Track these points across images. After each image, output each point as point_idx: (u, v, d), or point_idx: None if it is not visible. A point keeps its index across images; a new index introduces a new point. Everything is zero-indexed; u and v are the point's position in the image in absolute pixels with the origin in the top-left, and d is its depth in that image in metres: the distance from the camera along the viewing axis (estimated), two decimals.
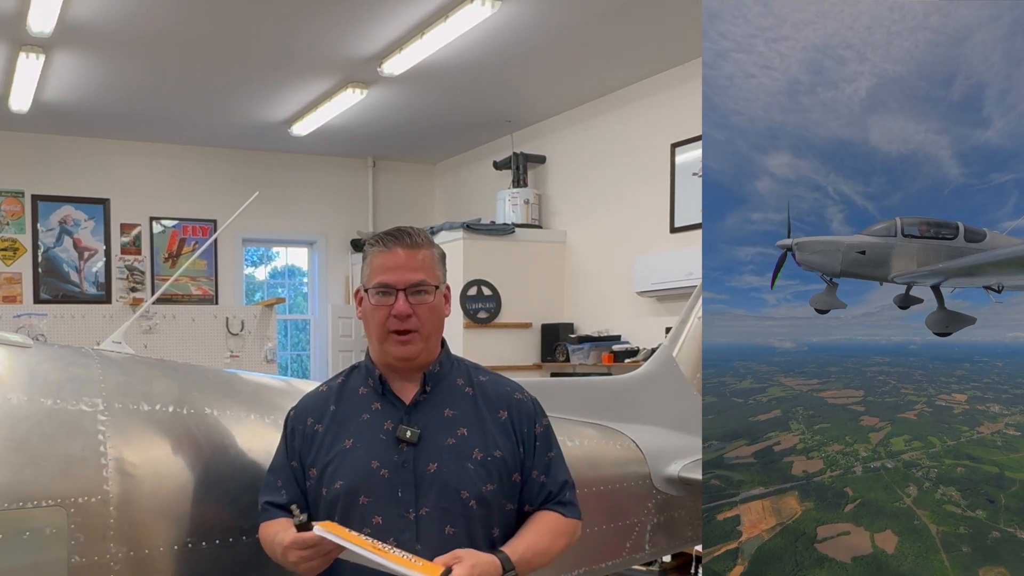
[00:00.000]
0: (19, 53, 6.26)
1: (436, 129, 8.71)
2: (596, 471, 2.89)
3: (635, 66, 6.83)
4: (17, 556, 1.88)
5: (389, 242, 2.02)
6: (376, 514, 1.94)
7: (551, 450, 2.12)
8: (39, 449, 1.96)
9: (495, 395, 2.09)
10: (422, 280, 2.00)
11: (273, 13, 5.75)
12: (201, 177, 9.26)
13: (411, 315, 1.99)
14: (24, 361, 2.13)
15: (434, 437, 1.99)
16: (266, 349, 8.49)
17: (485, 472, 1.99)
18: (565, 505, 2.10)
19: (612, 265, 7.40)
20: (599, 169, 7.66)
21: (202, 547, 2.12)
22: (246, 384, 2.56)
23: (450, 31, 5.82)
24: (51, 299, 8.70)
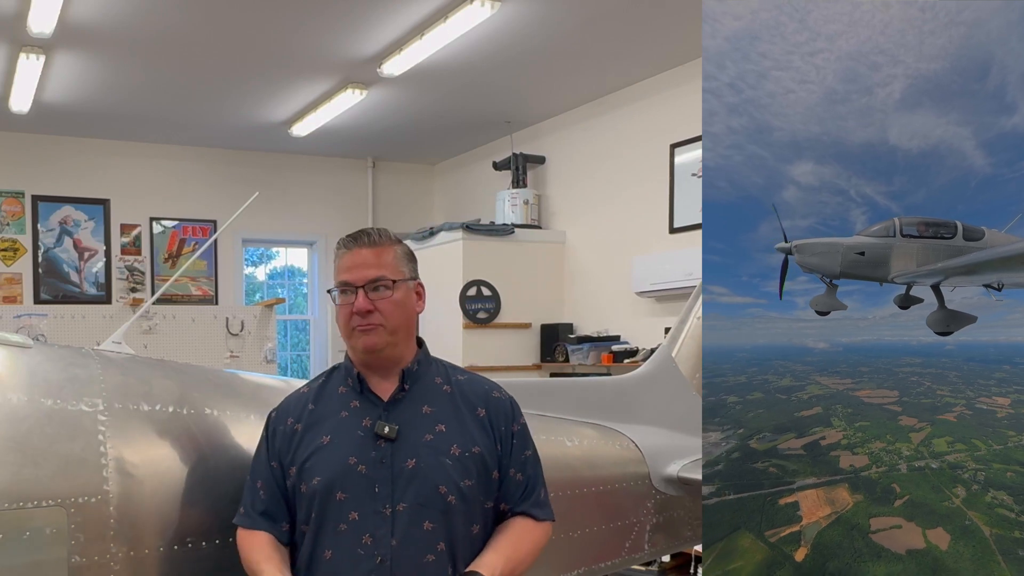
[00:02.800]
0: (19, 54, 6.26)
1: (436, 130, 8.71)
2: (595, 471, 2.89)
3: (634, 67, 6.84)
4: (17, 556, 1.89)
5: (350, 243, 2.08)
6: (352, 510, 1.97)
7: (527, 449, 2.15)
8: (39, 449, 1.96)
9: (472, 393, 2.12)
10: (380, 276, 2.04)
11: (273, 14, 5.75)
12: (201, 177, 9.27)
13: (372, 310, 2.03)
14: (24, 361, 2.13)
15: (412, 433, 2.02)
16: (266, 349, 8.50)
17: (463, 468, 2.01)
18: (541, 507, 2.13)
19: (611, 265, 7.40)
20: (598, 169, 7.67)
21: (202, 547, 2.12)
22: (246, 384, 2.56)
23: (450, 32, 5.82)
24: (51, 299, 8.71)
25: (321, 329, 9.93)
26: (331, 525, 1.98)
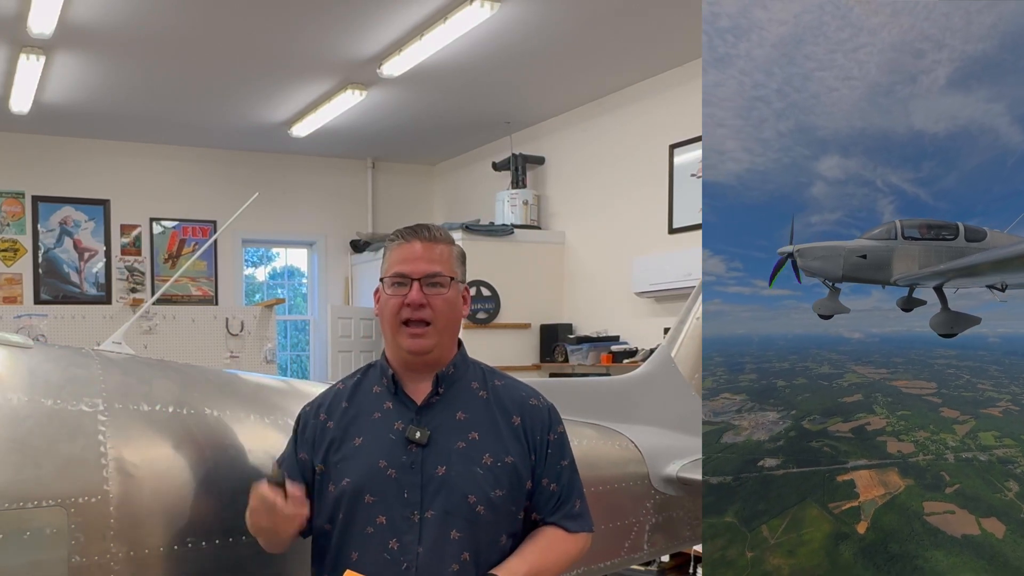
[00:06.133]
0: (20, 54, 6.27)
1: (435, 130, 8.72)
2: (595, 471, 2.89)
3: (634, 67, 6.84)
4: (17, 556, 1.89)
5: (408, 235, 2.03)
6: (381, 514, 1.93)
7: (564, 459, 2.09)
8: (39, 449, 1.96)
9: (509, 400, 2.07)
10: (438, 271, 1.99)
11: (273, 15, 5.76)
12: (201, 178, 9.27)
13: (425, 305, 1.97)
14: (25, 362, 2.13)
15: (444, 439, 1.97)
16: (266, 350, 8.50)
17: (494, 478, 1.96)
18: (574, 519, 2.06)
19: (611, 266, 7.41)
20: (598, 170, 7.67)
21: (202, 547, 2.12)
22: (246, 384, 2.56)
23: (449, 32, 5.83)
24: (51, 300, 8.71)
25: (320, 329, 9.93)
26: (359, 527, 1.95)
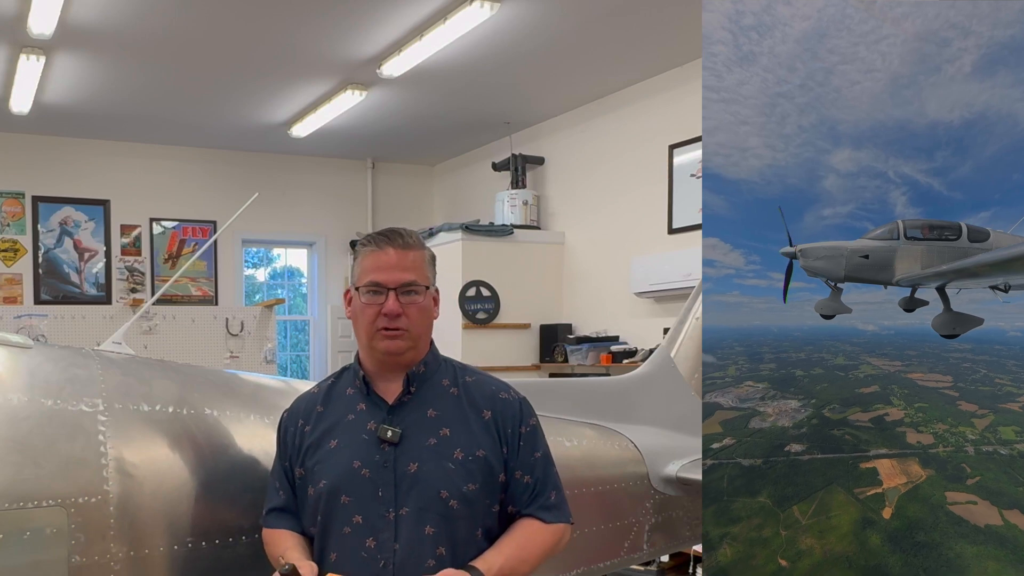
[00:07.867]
0: (20, 55, 6.27)
1: (435, 131, 8.72)
2: (594, 471, 2.90)
3: (633, 68, 6.84)
4: (17, 556, 1.89)
5: (381, 242, 2.04)
6: (357, 513, 1.96)
7: (537, 451, 2.11)
8: (40, 449, 1.97)
9: (480, 395, 2.10)
10: (413, 280, 2.02)
11: (273, 15, 5.76)
12: (201, 178, 9.27)
13: (401, 314, 2.00)
14: (25, 362, 2.14)
15: (416, 437, 2.00)
16: (266, 350, 8.50)
17: (466, 472, 1.99)
18: (549, 510, 2.08)
19: (610, 266, 7.41)
20: (597, 170, 7.68)
21: (202, 547, 2.13)
22: (246, 384, 2.57)
23: (449, 33, 5.83)
24: (51, 300, 8.71)
25: (320, 330, 9.93)
26: (337, 528, 1.98)
